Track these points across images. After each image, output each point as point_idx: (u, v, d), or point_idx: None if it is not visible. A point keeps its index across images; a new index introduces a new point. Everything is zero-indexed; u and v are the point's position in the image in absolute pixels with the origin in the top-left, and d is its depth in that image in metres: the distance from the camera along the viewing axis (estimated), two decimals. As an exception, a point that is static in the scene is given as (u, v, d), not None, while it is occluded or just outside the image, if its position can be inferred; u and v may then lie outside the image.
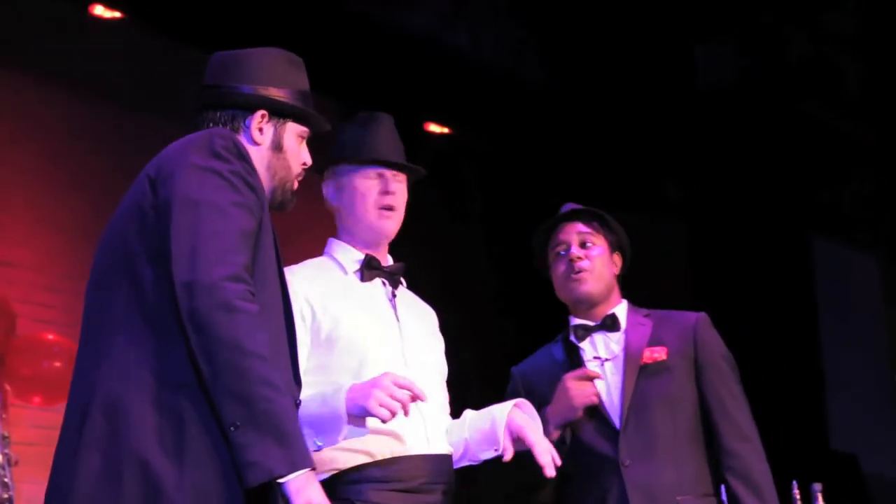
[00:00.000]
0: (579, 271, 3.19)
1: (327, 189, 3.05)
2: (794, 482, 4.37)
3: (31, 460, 5.22)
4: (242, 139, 2.49)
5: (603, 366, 3.18)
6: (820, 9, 6.31)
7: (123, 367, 2.17)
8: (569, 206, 3.34)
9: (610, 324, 3.21)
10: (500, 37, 6.34)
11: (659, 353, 3.14)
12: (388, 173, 3.02)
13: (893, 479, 6.68)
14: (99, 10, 5.47)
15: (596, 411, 3.10)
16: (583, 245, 3.24)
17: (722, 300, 7.14)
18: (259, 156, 2.52)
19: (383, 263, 3.02)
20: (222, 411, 2.09)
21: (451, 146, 6.70)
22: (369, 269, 2.98)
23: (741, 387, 3.20)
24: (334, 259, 3.02)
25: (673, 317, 3.25)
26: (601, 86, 6.57)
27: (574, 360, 3.15)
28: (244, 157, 2.33)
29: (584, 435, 3.09)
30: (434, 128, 6.72)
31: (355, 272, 2.99)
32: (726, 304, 7.12)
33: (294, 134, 2.57)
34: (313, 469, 2.13)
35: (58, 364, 4.89)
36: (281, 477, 2.09)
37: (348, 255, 3.01)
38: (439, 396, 3.02)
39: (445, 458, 2.88)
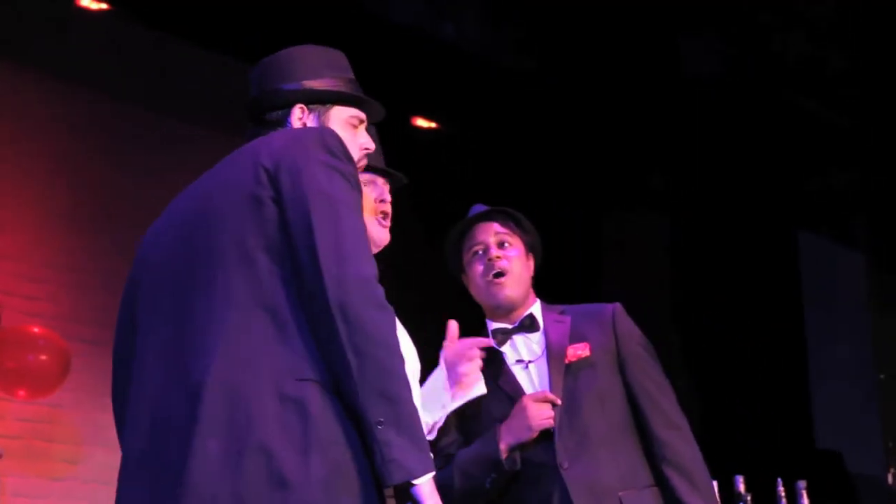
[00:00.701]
0: (500, 274, 3.15)
1: None
2: (779, 479, 4.39)
3: (15, 453, 5.21)
4: None
5: (527, 368, 3.13)
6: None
7: (242, 355, 2.12)
8: (479, 207, 3.27)
9: (529, 324, 3.16)
10: (484, 28, 6.32)
11: (582, 350, 3.10)
12: (380, 180, 2.99)
13: (876, 477, 6.70)
14: (85, 2, 5.46)
15: None
16: (500, 245, 3.18)
17: (705, 293, 7.16)
18: None
19: None
20: (367, 405, 2.07)
21: (438, 140, 6.69)
22: None
23: (663, 374, 3.17)
24: None
25: (589, 310, 3.21)
26: (587, 77, 6.56)
27: (496, 364, 3.09)
28: (349, 157, 2.31)
29: None
30: (421, 122, 6.71)
31: None
32: (709, 298, 7.14)
33: (341, 120, 2.52)
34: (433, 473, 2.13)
35: (43, 357, 4.87)
36: (417, 478, 2.09)
37: None
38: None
39: None
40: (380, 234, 2.98)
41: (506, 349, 3.17)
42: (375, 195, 2.97)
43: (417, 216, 6.03)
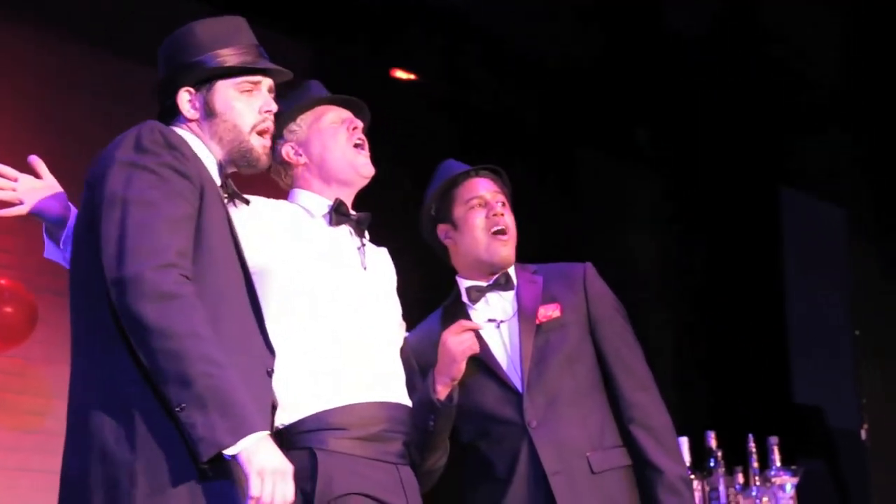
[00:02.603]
0: (503, 231, 3.15)
1: (284, 153, 2.98)
2: (751, 435, 4.39)
3: (-16, 405, 5.18)
4: (179, 123, 2.55)
5: (499, 327, 3.14)
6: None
7: (84, 376, 2.32)
8: (455, 163, 3.26)
9: (504, 282, 3.16)
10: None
11: (553, 311, 3.11)
12: (345, 112, 2.99)
13: (851, 432, 6.72)
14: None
15: (496, 375, 3.07)
16: (501, 204, 3.19)
17: (685, 247, 7.15)
18: (200, 131, 2.56)
19: (350, 212, 2.97)
20: (167, 397, 2.17)
21: (418, 93, 6.63)
22: (338, 214, 2.92)
23: (634, 335, 3.19)
24: (300, 205, 2.96)
25: (560, 270, 3.22)
26: (571, 33, 6.51)
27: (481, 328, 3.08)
28: (173, 146, 2.37)
29: (486, 401, 3.07)
30: (401, 74, 6.65)
31: (323, 215, 2.93)
32: (689, 252, 7.14)
33: (228, 91, 2.55)
34: (264, 431, 2.19)
35: (8, 309, 4.83)
36: (229, 447, 2.15)
37: (315, 201, 2.95)
38: (398, 348, 3.00)
39: (404, 408, 2.85)
40: (359, 163, 2.95)
41: (479, 307, 3.17)
42: (346, 126, 2.96)
43: (401, 167, 6.01)
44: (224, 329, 2.34)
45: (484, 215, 3.16)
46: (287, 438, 2.68)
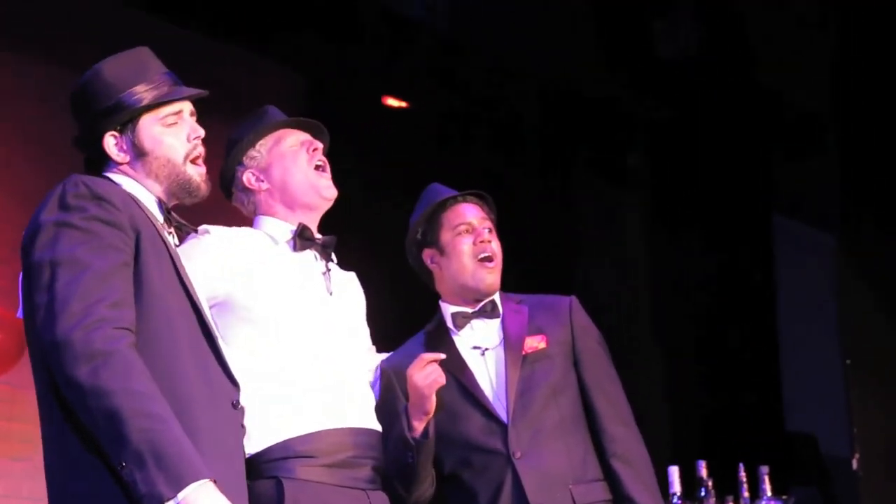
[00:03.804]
0: (489, 259, 3.15)
1: (245, 180, 2.97)
2: (741, 465, 4.38)
3: (-26, 433, 5.16)
4: (110, 169, 2.53)
5: (484, 355, 3.14)
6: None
7: (45, 439, 2.34)
8: (440, 188, 3.26)
9: (490, 310, 3.17)
10: (455, 7, 6.29)
11: (539, 342, 3.12)
12: (304, 135, 3.00)
13: (843, 460, 6.70)
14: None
15: (480, 405, 3.06)
16: (488, 231, 3.19)
17: (677, 275, 7.14)
18: (134, 172, 2.54)
19: (314, 236, 2.96)
20: (110, 455, 2.19)
21: (408, 120, 6.64)
22: (302, 239, 2.91)
23: (614, 370, 3.21)
24: (263, 232, 2.95)
25: (545, 302, 3.23)
26: (564, 56, 6.53)
27: (452, 354, 3.07)
28: (99, 196, 2.36)
29: (470, 430, 3.06)
30: (392, 102, 6.66)
31: (287, 241, 2.92)
32: (681, 279, 7.13)
33: (153, 127, 2.53)
34: (204, 479, 2.17)
35: (0, 336, 4.81)
36: (170, 499, 2.15)
37: (279, 227, 2.94)
38: (365, 373, 2.99)
39: (373, 433, 2.84)
40: (321, 185, 2.95)
41: (463, 333, 3.16)
42: (307, 148, 2.96)
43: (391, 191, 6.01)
44: (179, 369, 2.34)
45: (471, 241, 3.16)
46: (254, 467, 2.66)
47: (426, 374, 2.91)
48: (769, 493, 4.29)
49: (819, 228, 7.22)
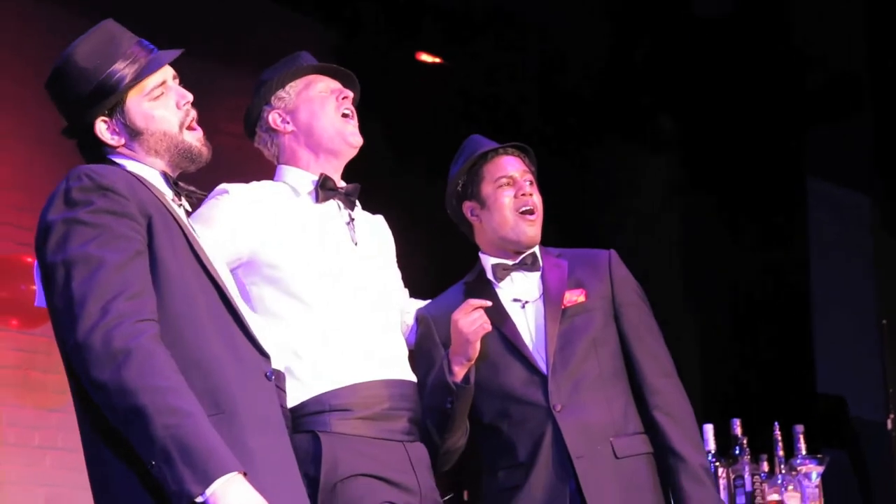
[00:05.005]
0: (531, 212, 3.13)
1: (271, 120, 2.95)
2: (776, 423, 4.36)
3: (9, 382, 5.21)
4: (108, 154, 2.48)
5: (524, 308, 3.12)
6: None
7: (86, 441, 2.31)
8: (481, 139, 3.24)
9: (530, 263, 3.15)
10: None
11: (579, 296, 3.10)
12: (336, 83, 2.97)
13: (876, 423, 6.67)
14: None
15: (522, 356, 3.05)
16: (530, 184, 3.17)
17: (710, 235, 7.10)
18: (132, 152, 2.49)
19: (338, 185, 2.93)
20: (141, 453, 2.17)
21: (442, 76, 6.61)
22: (324, 189, 2.89)
23: (656, 322, 3.19)
24: (285, 183, 2.93)
25: (585, 256, 3.21)
26: (594, 16, 6.47)
27: (494, 304, 3.04)
28: (105, 187, 2.31)
29: (510, 381, 3.04)
30: (426, 57, 6.63)
31: (309, 193, 2.90)
32: (714, 240, 7.09)
33: (141, 104, 2.48)
34: (232, 472, 2.15)
35: (35, 287, 4.83)
36: (199, 495, 2.12)
37: (301, 178, 2.92)
38: (398, 323, 2.98)
39: (409, 384, 2.84)
40: (347, 131, 2.93)
41: (504, 285, 3.15)
42: (336, 96, 2.94)
43: (421, 148, 5.99)
44: (207, 350, 2.31)
45: (512, 194, 3.14)
46: (292, 422, 2.65)
47: (472, 319, 2.90)
48: (804, 452, 4.27)
49: (854, 189, 7.15)
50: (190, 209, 2.58)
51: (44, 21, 5.47)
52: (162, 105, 2.49)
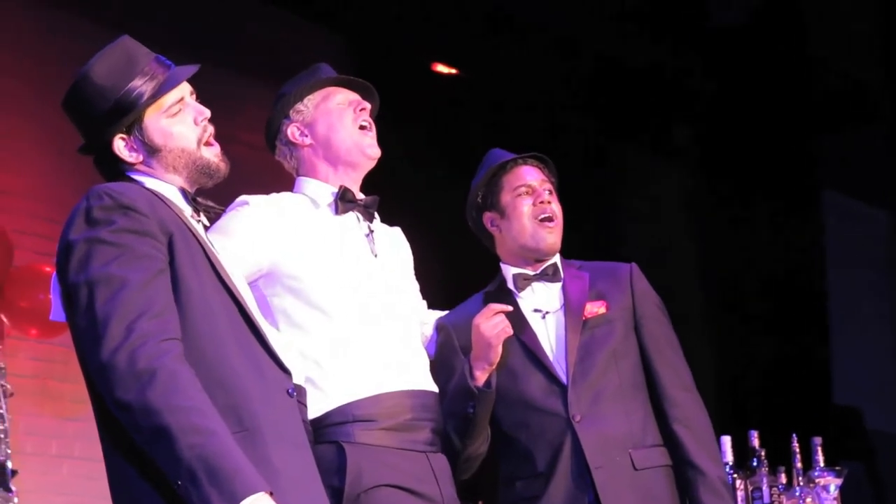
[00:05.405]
0: (549, 219, 3.14)
1: (290, 133, 2.96)
2: (794, 435, 4.35)
3: (27, 391, 5.22)
4: (127, 171, 2.47)
5: (545, 318, 3.13)
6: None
7: (109, 462, 2.32)
8: (501, 153, 3.25)
9: (551, 273, 3.15)
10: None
11: (600, 308, 3.11)
12: (354, 94, 2.99)
13: (893, 435, 6.66)
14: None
15: (542, 365, 3.05)
16: (548, 192, 3.18)
17: (726, 247, 7.10)
18: (151, 169, 2.48)
19: (357, 197, 2.95)
20: (167, 473, 2.16)
21: (458, 87, 6.62)
22: (343, 201, 2.90)
23: (675, 335, 3.18)
24: (304, 195, 2.94)
25: (606, 268, 3.22)
26: (611, 26, 6.48)
27: (514, 313, 3.04)
28: (125, 206, 2.31)
29: (530, 390, 3.04)
30: (442, 68, 6.65)
31: (328, 205, 2.91)
32: (731, 251, 7.09)
33: (159, 121, 2.48)
34: (259, 492, 2.14)
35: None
36: None
37: (320, 190, 2.93)
38: (418, 334, 2.99)
39: (430, 395, 2.84)
40: (365, 143, 2.94)
41: (525, 295, 3.15)
42: (353, 107, 2.95)
43: (440, 159, 6.00)
44: (228, 368, 2.30)
45: (531, 203, 3.15)
46: (314, 433, 2.66)
47: (494, 322, 2.91)
48: (822, 464, 4.26)
49: (869, 200, 7.15)
50: (208, 224, 2.58)
51: (69, 33, 5.50)
52: (180, 121, 2.48)
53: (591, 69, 6.78)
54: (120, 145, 2.47)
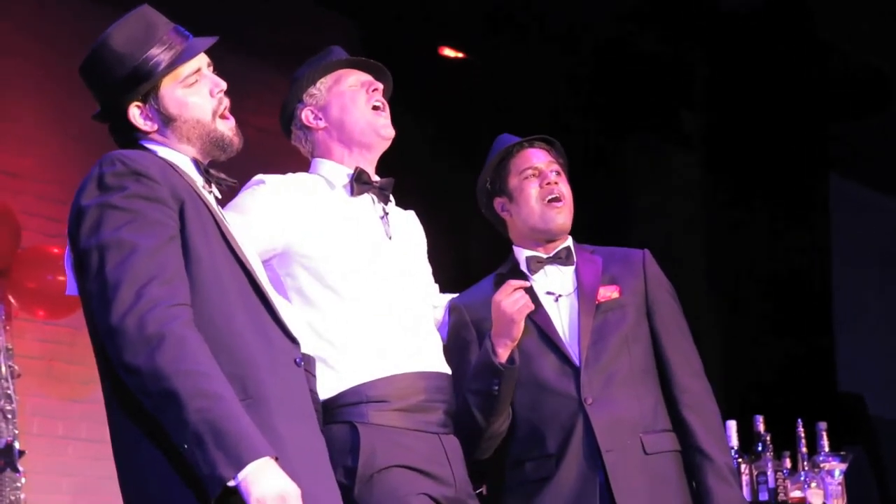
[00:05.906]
0: (557, 199, 3.14)
1: (304, 117, 2.97)
2: (799, 420, 4.37)
3: (34, 372, 5.24)
4: (140, 139, 2.48)
5: (557, 301, 3.13)
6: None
7: (113, 426, 2.33)
8: (509, 137, 3.25)
9: (564, 257, 3.16)
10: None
11: (613, 292, 3.11)
12: (366, 76, 2.99)
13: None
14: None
15: (555, 347, 3.06)
16: (556, 174, 3.18)
17: (733, 233, 7.10)
18: (165, 138, 2.49)
19: (372, 179, 2.95)
20: (173, 437, 2.17)
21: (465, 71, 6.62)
22: (359, 183, 2.90)
23: (686, 322, 3.19)
24: (320, 175, 2.95)
25: (619, 254, 3.23)
26: (620, 10, 6.47)
27: (528, 295, 3.03)
28: (138, 172, 2.32)
29: (543, 371, 3.04)
30: (449, 52, 6.64)
31: (344, 186, 2.92)
32: (737, 238, 7.09)
33: (175, 91, 2.48)
34: (264, 457, 2.15)
35: (62, 278, 4.86)
36: (231, 480, 2.12)
37: (336, 171, 2.94)
38: (431, 316, 3.00)
39: (443, 376, 2.85)
40: (379, 124, 2.94)
41: (537, 278, 3.17)
42: (366, 89, 2.95)
43: (448, 143, 6.00)
44: (237, 335, 2.31)
45: (538, 185, 3.15)
46: (327, 412, 2.67)
47: (515, 299, 2.92)
48: (827, 449, 4.27)
49: (879, 189, 7.14)
50: (220, 196, 2.59)
51: (77, 15, 5.50)
52: (196, 92, 2.49)
53: (595, 59, 6.77)
54: (135, 113, 2.47)
